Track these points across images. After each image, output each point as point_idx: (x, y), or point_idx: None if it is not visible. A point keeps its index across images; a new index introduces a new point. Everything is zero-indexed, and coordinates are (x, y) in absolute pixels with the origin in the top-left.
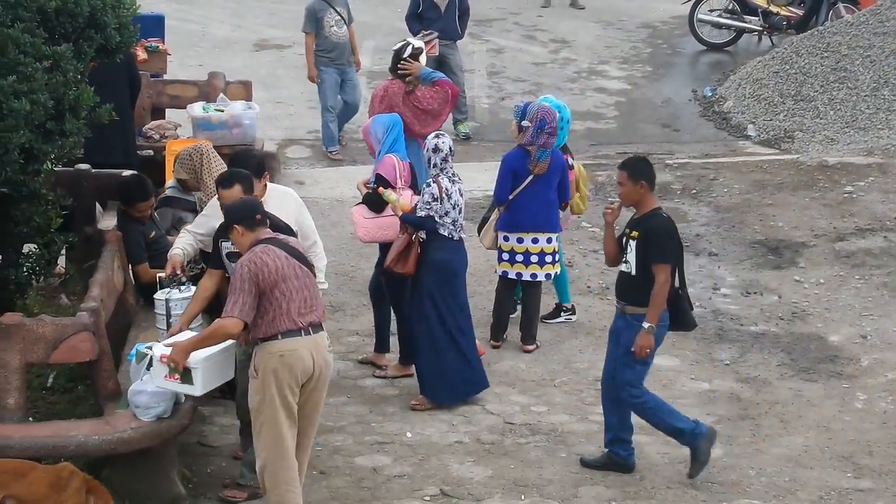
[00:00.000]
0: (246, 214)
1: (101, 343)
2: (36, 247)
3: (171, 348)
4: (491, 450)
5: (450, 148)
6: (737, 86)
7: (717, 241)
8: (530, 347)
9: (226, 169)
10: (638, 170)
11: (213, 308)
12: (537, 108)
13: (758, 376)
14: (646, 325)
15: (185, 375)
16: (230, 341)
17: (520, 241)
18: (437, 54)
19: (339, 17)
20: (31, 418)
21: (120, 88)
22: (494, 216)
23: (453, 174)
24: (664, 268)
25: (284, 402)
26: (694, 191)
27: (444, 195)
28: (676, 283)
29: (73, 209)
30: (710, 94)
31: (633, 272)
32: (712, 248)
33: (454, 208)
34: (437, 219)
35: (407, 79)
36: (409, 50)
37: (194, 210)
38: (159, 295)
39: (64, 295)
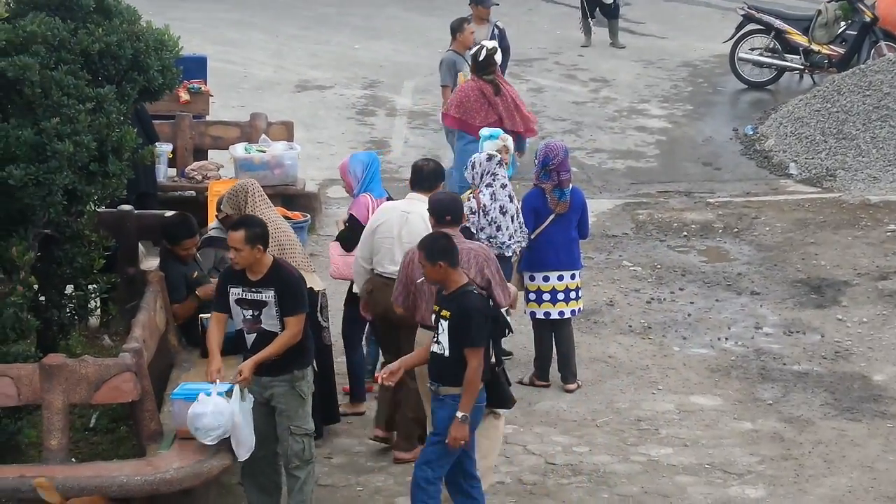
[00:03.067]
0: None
1: (144, 383)
2: (79, 287)
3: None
4: (533, 490)
5: (488, 157)
6: (778, 124)
7: (760, 279)
8: (572, 386)
9: (270, 207)
10: (434, 251)
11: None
12: (541, 145)
13: (801, 416)
14: (459, 414)
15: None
16: None
17: (546, 279)
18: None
19: None
20: (73, 459)
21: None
22: (515, 258)
23: (503, 186)
24: (477, 352)
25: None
26: (736, 229)
27: (481, 210)
28: (494, 359)
29: (115, 250)
30: (751, 133)
31: (447, 353)
32: (755, 286)
33: (490, 224)
34: (472, 230)
35: (491, 77)
36: (483, 53)
37: None
38: None
39: (107, 335)
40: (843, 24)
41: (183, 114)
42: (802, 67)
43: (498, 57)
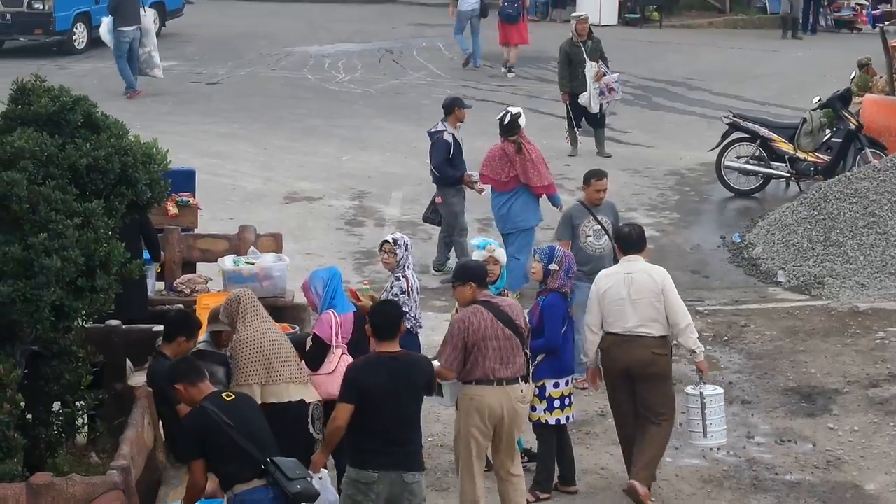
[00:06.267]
0: (479, 274)
1: (132, 501)
2: (66, 404)
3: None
4: None
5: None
6: (765, 232)
7: (750, 388)
8: (574, 488)
9: (264, 319)
10: (187, 372)
11: None
12: (563, 252)
13: None
14: None
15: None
16: None
17: (567, 384)
18: None
19: (600, 227)
20: None
21: (134, 242)
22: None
23: (412, 272)
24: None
25: (473, 438)
26: (725, 338)
27: (410, 289)
28: None
29: (103, 366)
30: (738, 241)
31: None
32: (745, 395)
33: (414, 304)
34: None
35: (515, 138)
36: (508, 117)
37: (225, 363)
38: (691, 390)
39: (94, 453)
40: (828, 131)
41: (171, 227)
42: (789, 175)
43: (522, 120)
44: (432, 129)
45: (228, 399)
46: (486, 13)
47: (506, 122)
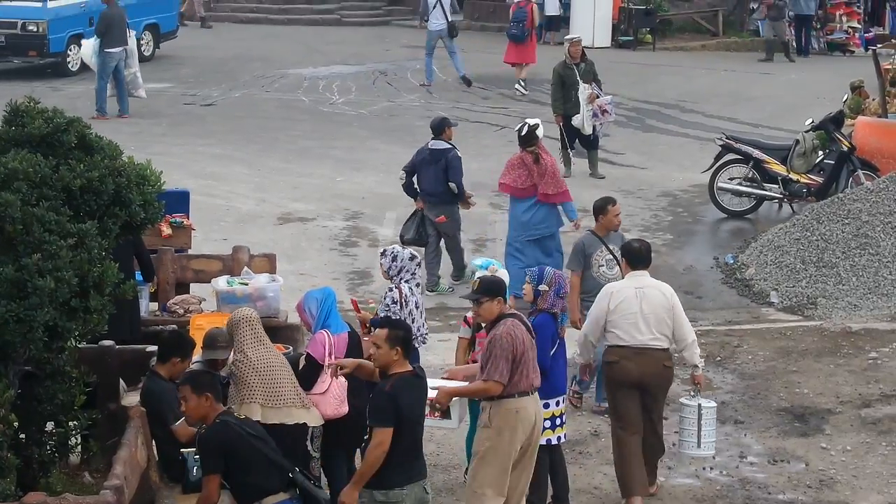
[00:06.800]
0: (505, 289)
1: None
2: (59, 424)
3: (436, 391)
4: None
5: (410, 256)
6: (758, 253)
7: (743, 408)
8: None
9: (261, 342)
10: (202, 383)
11: None
12: (553, 273)
13: None
14: None
15: (445, 412)
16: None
17: (557, 404)
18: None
19: (612, 258)
20: None
21: (127, 263)
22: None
23: (416, 284)
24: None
25: (513, 451)
26: (718, 358)
27: (403, 301)
28: None
29: (96, 386)
30: (731, 262)
31: None
32: (738, 415)
33: (408, 317)
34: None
35: (533, 149)
36: (525, 129)
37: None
38: (687, 401)
39: (87, 473)
40: (820, 153)
41: (165, 248)
42: (781, 196)
43: (540, 131)
44: (436, 147)
45: (240, 416)
46: (455, 32)
47: (523, 133)
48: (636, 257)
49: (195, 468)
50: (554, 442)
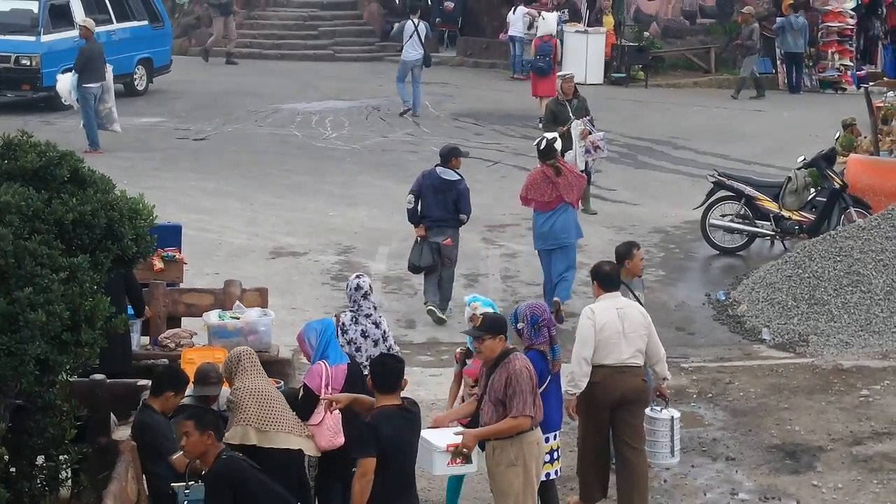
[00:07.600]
0: (506, 326)
1: None
2: (50, 458)
3: (460, 436)
4: None
5: (369, 286)
6: (750, 289)
7: (735, 445)
8: None
9: (262, 376)
10: (206, 421)
11: None
12: (525, 307)
13: None
14: None
15: (467, 458)
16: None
17: (554, 438)
18: None
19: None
20: None
21: (118, 297)
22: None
23: (366, 315)
24: None
25: (537, 483)
26: (710, 394)
27: (339, 329)
28: None
29: (87, 420)
30: (723, 298)
31: None
32: (729, 452)
33: (349, 344)
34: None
35: (552, 161)
36: (544, 143)
37: None
38: (658, 414)
39: None
40: (812, 190)
41: (157, 282)
42: (773, 233)
43: (558, 144)
44: (446, 178)
45: (234, 441)
46: (429, 63)
47: (542, 147)
48: (608, 280)
49: (185, 503)
50: (552, 476)
